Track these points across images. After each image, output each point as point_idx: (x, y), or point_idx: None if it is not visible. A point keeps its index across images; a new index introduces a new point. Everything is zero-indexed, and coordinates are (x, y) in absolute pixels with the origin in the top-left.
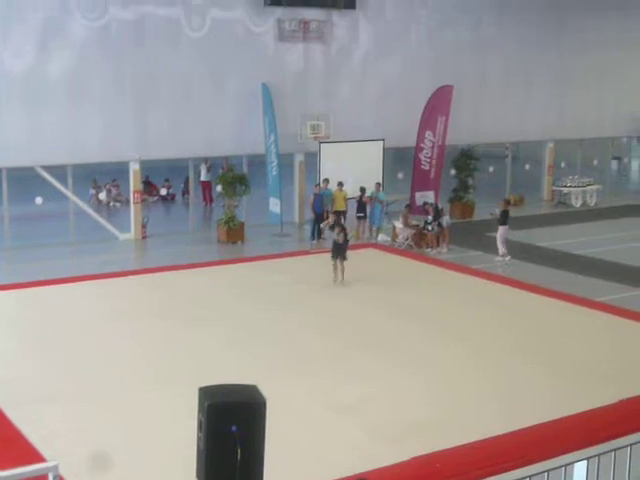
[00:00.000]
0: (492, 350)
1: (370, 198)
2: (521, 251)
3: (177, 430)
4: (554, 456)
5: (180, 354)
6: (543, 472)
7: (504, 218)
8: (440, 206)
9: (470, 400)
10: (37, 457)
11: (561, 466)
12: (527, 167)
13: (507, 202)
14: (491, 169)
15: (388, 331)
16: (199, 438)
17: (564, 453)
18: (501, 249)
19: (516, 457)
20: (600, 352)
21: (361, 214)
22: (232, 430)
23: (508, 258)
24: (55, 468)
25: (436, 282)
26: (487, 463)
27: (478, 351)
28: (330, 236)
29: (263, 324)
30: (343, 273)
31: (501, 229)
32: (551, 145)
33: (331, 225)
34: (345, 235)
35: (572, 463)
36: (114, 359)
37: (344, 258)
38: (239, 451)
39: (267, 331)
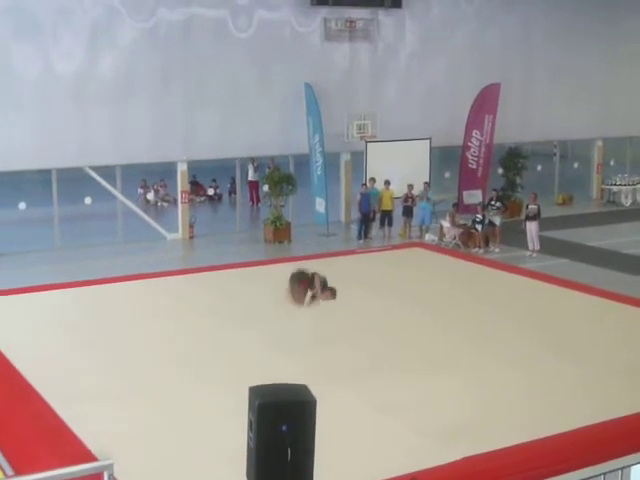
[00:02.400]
0: (534, 351)
1: (416, 197)
2: (571, 250)
3: (225, 429)
4: (610, 458)
5: (227, 353)
6: (599, 475)
7: (539, 213)
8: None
9: (516, 401)
10: (89, 456)
11: (617, 469)
12: (576, 165)
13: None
14: (539, 168)
15: (430, 332)
16: (249, 437)
17: (621, 455)
18: (537, 243)
19: (571, 458)
20: None
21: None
22: (283, 429)
23: (535, 254)
24: (110, 467)
25: (482, 282)
26: (541, 464)
27: (520, 352)
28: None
29: (307, 324)
30: None
31: (536, 224)
32: (600, 143)
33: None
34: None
35: (629, 466)
36: (161, 358)
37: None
38: (289, 451)
39: (311, 331)
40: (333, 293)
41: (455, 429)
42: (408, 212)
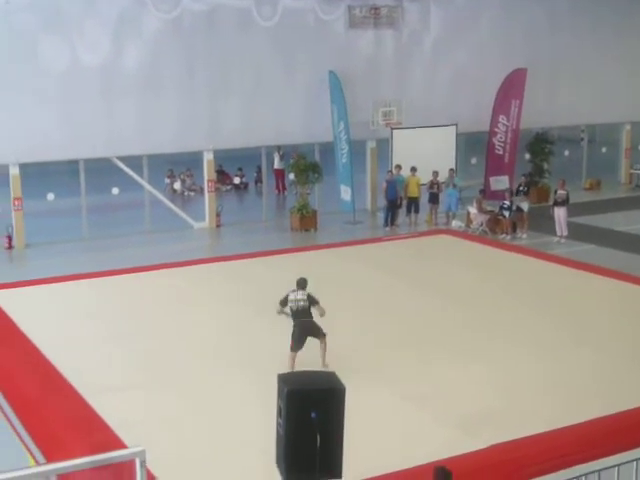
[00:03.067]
0: (559, 339)
1: (441, 184)
2: (599, 236)
3: (253, 416)
4: (625, 450)
5: (255, 341)
6: (632, 461)
7: (567, 199)
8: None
9: (539, 389)
10: (119, 444)
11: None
12: (603, 150)
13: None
14: (566, 153)
15: (455, 320)
16: (278, 424)
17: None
18: (565, 229)
19: (598, 445)
20: None
21: (433, 199)
22: (312, 416)
23: (564, 239)
24: (142, 453)
25: (509, 269)
26: (567, 451)
27: (545, 340)
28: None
29: (335, 312)
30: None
31: (564, 210)
32: (628, 127)
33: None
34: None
35: None
36: (189, 346)
37: (323, 335)
38: (318, 437)
39: (338, 319)
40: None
41: (478, 418)
42: (434, 199)
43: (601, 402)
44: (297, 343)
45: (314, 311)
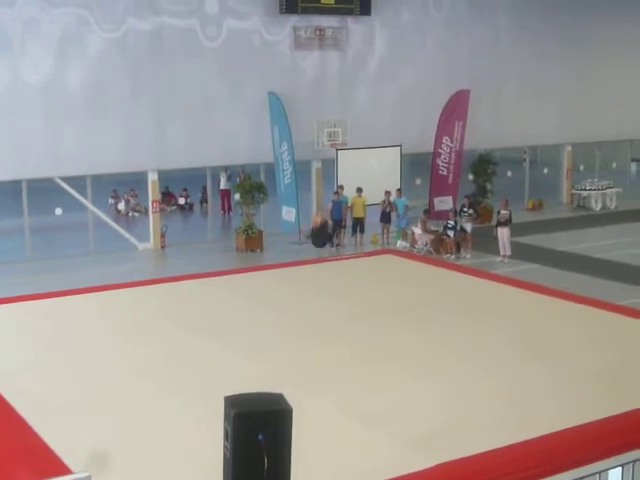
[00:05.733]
0: (506, 356)
1: (393, 203)
2: (541, 255)
3: (200, 440)
4: (587, 463)
5: (200, 364)
6: (577, 479)
7: (510, 219)
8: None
9: (489, 407)
10: (64, 469)
11: (595, 473)
12: (545, 171)
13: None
14: (509, 173)
15: (401, 339)
16: (225, 447)
17: (597, 460)
18: (509, 249)
19: (546, 463)
20: (623, 357)
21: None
22: (259, 439)
23: (507, 259)
24: (87, 479)
25: (453, 288)
26: (515, 469)
27: (492, 357)
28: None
29: (282, 334)
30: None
31: (507, 230)
32: (569, 148)
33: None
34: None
35: (606, 470)
36: (134, 369)
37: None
38: (266, 460)
39: (286, 341)
40: None
41: (428, 436)
42: (386, 218)
43: (553, 419)
44: None
45: None
